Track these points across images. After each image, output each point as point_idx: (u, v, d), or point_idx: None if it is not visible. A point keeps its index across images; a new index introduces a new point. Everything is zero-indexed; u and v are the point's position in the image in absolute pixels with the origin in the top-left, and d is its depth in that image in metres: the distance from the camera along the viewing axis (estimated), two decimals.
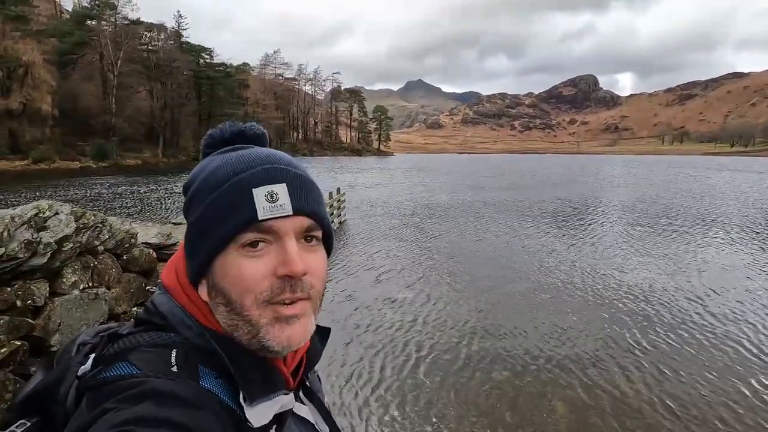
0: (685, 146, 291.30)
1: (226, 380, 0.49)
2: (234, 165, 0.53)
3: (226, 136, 0.59)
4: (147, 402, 0.40)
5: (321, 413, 0.62)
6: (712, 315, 6.52)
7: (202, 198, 0.53)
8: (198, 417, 0.41)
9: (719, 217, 15.59)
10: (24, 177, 28.34)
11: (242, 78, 75.73)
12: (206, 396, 0.45)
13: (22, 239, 3.08)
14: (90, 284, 3.79)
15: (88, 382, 0.46)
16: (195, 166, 0.58)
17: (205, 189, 0.53)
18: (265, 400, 0.50)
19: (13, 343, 3.00)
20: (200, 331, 0.51)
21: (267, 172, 0.52)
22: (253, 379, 0.49)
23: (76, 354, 0.52)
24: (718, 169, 55.70)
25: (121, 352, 0.48)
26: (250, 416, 0.48)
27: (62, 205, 3.55)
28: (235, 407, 0.47)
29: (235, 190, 0.51)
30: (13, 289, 3.09)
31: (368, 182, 30.49)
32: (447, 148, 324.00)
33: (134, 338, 0.50)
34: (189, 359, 0.48)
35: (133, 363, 0.46)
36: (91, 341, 0.53)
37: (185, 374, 0.46)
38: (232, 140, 0.59)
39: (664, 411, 4.16)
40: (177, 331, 0.51)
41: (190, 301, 0.54)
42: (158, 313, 0.53)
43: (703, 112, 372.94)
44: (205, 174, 0.55)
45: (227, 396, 0.47)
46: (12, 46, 37.51)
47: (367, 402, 4.27)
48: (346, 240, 11.46)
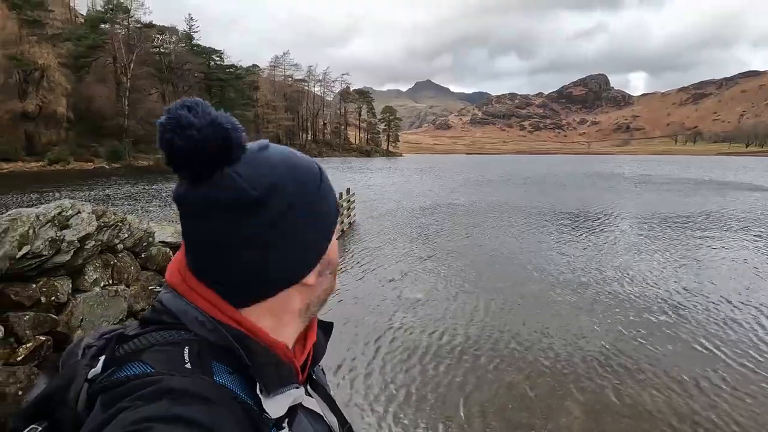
0: (699, 146, 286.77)
1: (240, 375, 0.49)
2: (317, 176, 0.58)
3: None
4: (163, 399, 0.41)
5: (328, 404, 0.64)
6: (735, 321, 6.42)
7: (311, 197, 0.56)
8: (213, 413, 0.42)
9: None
10: (40, 178, 28.89)
11: (252, 79, 76.42)
12: (221, 392, 0.46)
13: (47, 237, 3.15)
14: (110, 282, 3.86)
15: (102, 384, 0.46)
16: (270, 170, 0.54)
17: (308, 198, 0.56)
18: (280, 393, 0.51)
19: (38, 338, 3.07)
20: (215, 327, 0.51)
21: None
22: (268, 372, 0.51)
23: (82, 357, 0.52)
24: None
25: (133, 352, 0.48)
26: (268, 407, 0.49)
27: (84, 204, 3.63)
28: (250, 402, 0.48)
29: (329, 190, 0.60)
30: (37, 286, 3.17)
31: (379, 183, 30.53)
32: (456, 148, 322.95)
33: (145, 338, 0.50)
34: (202, 356, 0.48)
35: (146, 362, 0.46)
36: (96, 344, 0.53)
37: (199, 371, 0.46)
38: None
39: (681, 416, 4.11)
40: (187, 328, 0.51)
41: (201, 298, 0.53)
42: (168, 312, 0.53)
43: (717, 112, 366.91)
44: (297, 177, 0.55)
45: (241, 391, 0.48)
46: (28, 50, 38.33)
47: (377, 400, 4.29)
48: (356, 241, 11.48)
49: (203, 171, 0.50)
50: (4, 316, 2.97)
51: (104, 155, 41.30)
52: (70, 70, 43.61)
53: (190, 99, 0.51)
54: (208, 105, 0.51)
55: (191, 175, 0.51)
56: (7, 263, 2.93)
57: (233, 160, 0.51)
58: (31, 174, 32.44)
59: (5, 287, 3.01)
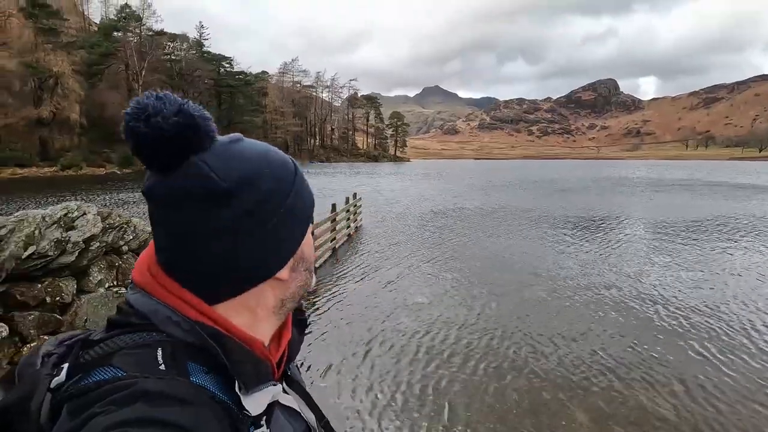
0: (711, 151, 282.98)
1: (216, 375, 0.48)
2: (287, 168, 0.57)
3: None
4: (138, 403, 0.39)
5: (305, 400, 0.63)
6: (744, 328, 6.29)
7: (285, 193, 0.55)
8: (192, 414, 0.41)
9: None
10: (53, 184, 29.38)
11: (261, 86, 77.20)
12: (198, 392, 0.44)
13: (52, 238, 3.20)
14: (115, 283, 3.90)
15: (67, 392, 0.43)
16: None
17: (284, 187, 0.55)
18: (258, 390, 0.51)
19: (42, 338, 3.11)
20: (191, 326, 0.50)
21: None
22: (246, 370, 0.50)
23: (42, 366, 0.49)
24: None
25: (101, 357, 0.46)
26: (247, 405, 0.48)
27: (89, 206, 3.68)
28: (228, 401, 0.47)
29: (303, 187, 0.58)
30: (43, 286, 3.21)
31: (386, 187, 30.55)
32: (464, 153, 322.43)
33: (113, 342, 0.47)
34: (176, 357, 0.46)
35: (116, 366, 0.44)
36: (56, 351, 0.50)
37: (174, 372, 0.45)
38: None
39: (689, 424, 4.02)
40: (159, 329, 0.49)
41: (175, 297, 0.51)
42: (137, 313, 0.51)
43: (729, 116, 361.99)
44: (272, 172, 0.54)
45: (219, 390, 0.47)
46: (44, 58, 39.22)
47: (375, 405, 4.25)
48: (361, 246, 11.48)
49: (170, 160, 0.49)
50: (9, 316, 3.01)
51: (116, 161, 41.95)
52: (83, 77, 44.51)
53: (159, 91, 0.50)
54: (176, 96, 0.50)
55: (159, 165, 0.49)
56: (12, 263, 2.97)
57: (201, 149, 0.50)
58: (45, 179, 33.02)
59: (11, 287, 3.05)
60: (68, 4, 65.38)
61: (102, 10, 63.76)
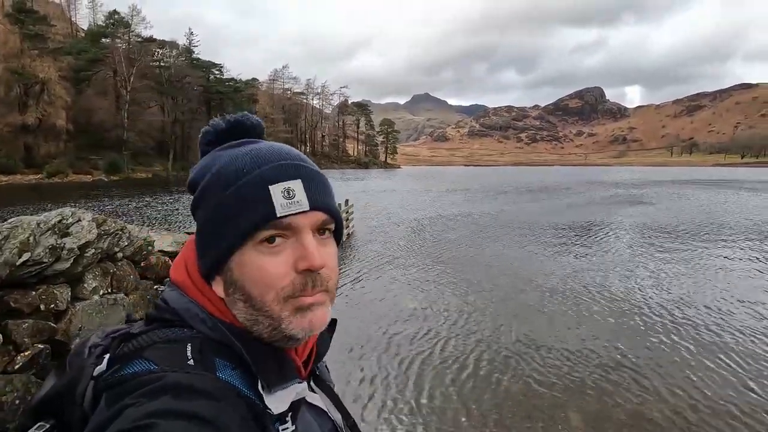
0: (695, 157, 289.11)
1: (242, 371, 0.50)
2: (247, 161, 0.54)
3: (224, 128, 0.60)
4: (166, 396, 0.41)
5: (332, 400, 0.64)
6: (737, 330, 6.42)
7: (215, 194, 0.54)
8: (217, 408, 0.42)
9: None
10: (38, 190, 28.86)
11: (251, 92, 77.01)
12: (224, 387, 0.46)
13: (47, 244, 3.16)
14: (109, 290, 3.86)
15: (106, 381, 0.46)
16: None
17: (218, 185, 0.53)
18: (281, 388, 0.51)
19: (36, 346, 3.06)
20: (215, 324, 0.52)
21: (282, 168, 0.53)
22: (269, 368, 0.51)
23: (89, 356, 0.53)
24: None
25: (137, 350, 0.49)
26: (270, 403, 0.49)
27: (84, 212, 3.65)
28: (253, 397, 0.48)
29: (252, 187, 0.52)
30: (37, 293, 3.17)
31: (377, 194, 30.59)
32: (453, 160, 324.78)
33: (148, 336, 0.50)
34: (204, 352, 0.48)
35: (149, 359, 0.46)
36: (102, 343, 0.54)
37: (201, 367, 0.47)
38: (230, 132, 0.60)
39: (685, 427, 4.07)
40: (190, 326, 0.52)
41: (203, 295, 0.54)
42: (170, 310, 0.54)
43: (712, 123, 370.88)
44: (217, 169, 0.55)
45: (244, 386, 0.48)
46: (30, 64, 38.71)
47: (371, 413, 4.25)
48: (354, 253, 11.48)
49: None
50: (3, 323, 2.96)
51: (103, 167, 41.35)
52: (70, 83, 43.97)
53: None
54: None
55: None
56: (7, 270, 2.93)
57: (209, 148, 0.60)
58: (29, 186, 32.42)
59: (5, 294, 3.01)
60: (55, 10, 64.79)
61: (90, 17, 63.35)
